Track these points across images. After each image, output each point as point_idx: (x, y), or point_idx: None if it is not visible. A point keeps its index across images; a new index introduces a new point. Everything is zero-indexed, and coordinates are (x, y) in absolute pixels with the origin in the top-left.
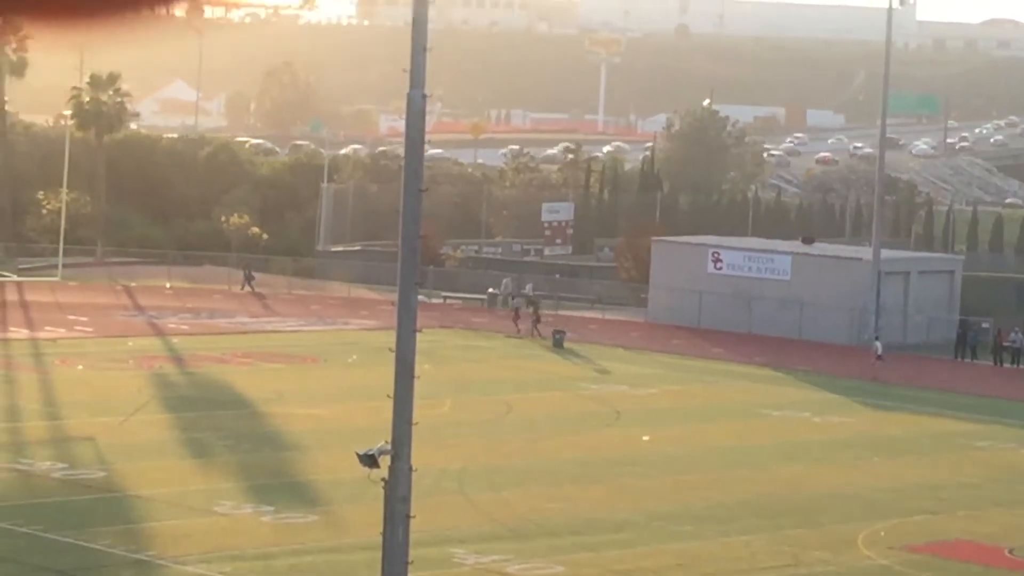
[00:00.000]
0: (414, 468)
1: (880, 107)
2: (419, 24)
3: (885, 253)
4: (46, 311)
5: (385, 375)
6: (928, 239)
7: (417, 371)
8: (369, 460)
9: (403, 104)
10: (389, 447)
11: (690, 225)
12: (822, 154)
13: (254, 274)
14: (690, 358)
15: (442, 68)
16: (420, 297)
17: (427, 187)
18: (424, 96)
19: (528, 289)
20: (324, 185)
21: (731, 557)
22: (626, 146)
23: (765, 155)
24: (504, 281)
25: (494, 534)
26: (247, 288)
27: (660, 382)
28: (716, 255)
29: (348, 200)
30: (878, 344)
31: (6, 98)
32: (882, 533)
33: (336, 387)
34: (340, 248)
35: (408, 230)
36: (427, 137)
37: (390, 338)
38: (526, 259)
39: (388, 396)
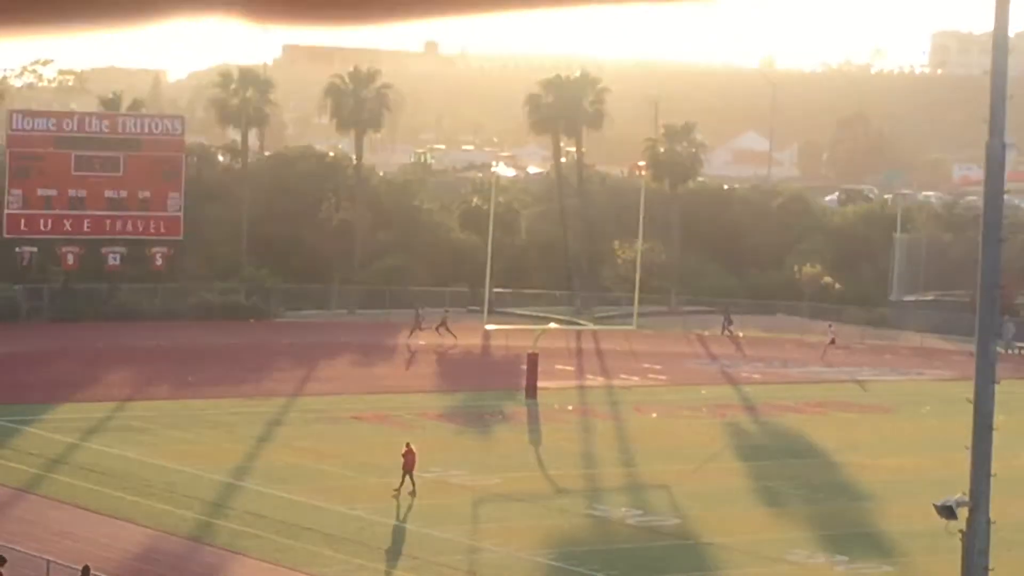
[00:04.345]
0: (993, 520)
1: None
2: (998, 73)
3: None
4: (621, 359)
5: (959, 426)
6: None
7: (994, 422)
8: (947, 511)
9: (977, 153)
10: (967, 499)
11: None
12: None
13: (733, 318)
14: None
15: (1020, 116)
16: (997, 348)
17: (1006, 237)
18: (1004, 146)
19: None
20: (897, 235)
21: None
22: None
23: None
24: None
25: None
26: (726, 332)
27: None
28: None
29: (921, 250)
30: None
31: (583, 149)
32: None
33: (909, 437)
34: (913, 298)
35: (987, 280)
36: (1006, 187)
37: (964, 389)
38: None
39: (964, 447)
